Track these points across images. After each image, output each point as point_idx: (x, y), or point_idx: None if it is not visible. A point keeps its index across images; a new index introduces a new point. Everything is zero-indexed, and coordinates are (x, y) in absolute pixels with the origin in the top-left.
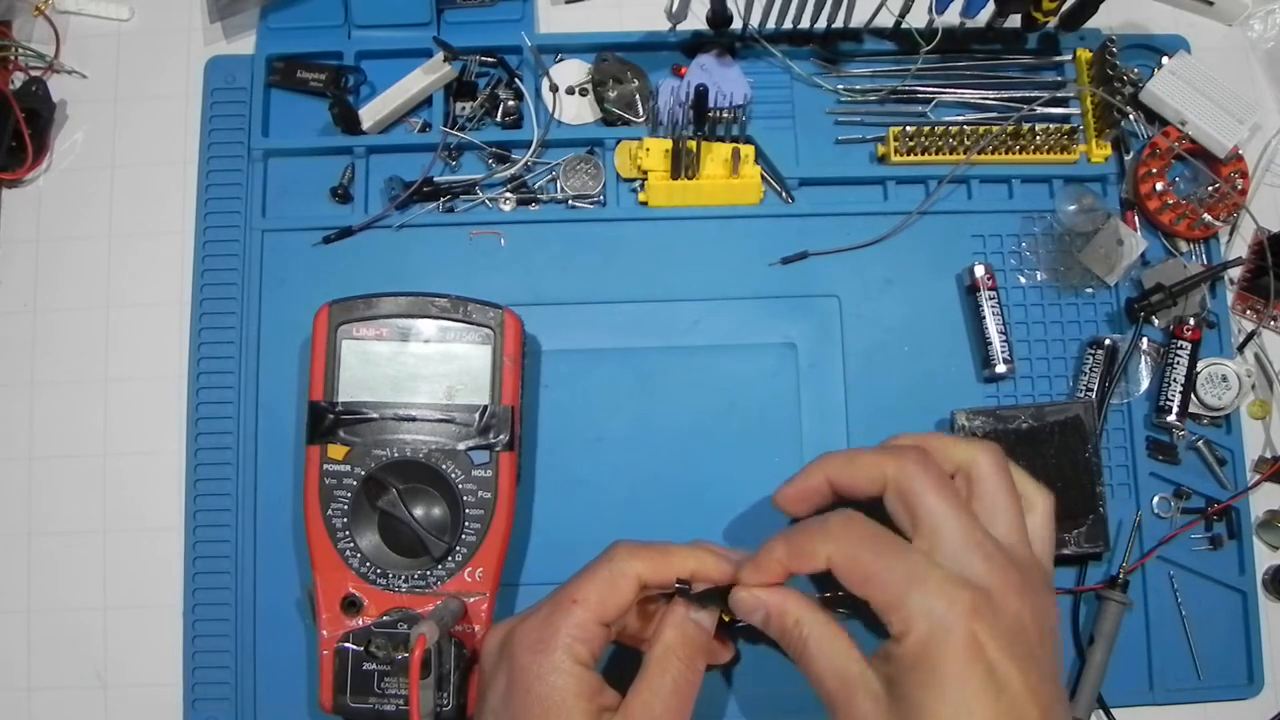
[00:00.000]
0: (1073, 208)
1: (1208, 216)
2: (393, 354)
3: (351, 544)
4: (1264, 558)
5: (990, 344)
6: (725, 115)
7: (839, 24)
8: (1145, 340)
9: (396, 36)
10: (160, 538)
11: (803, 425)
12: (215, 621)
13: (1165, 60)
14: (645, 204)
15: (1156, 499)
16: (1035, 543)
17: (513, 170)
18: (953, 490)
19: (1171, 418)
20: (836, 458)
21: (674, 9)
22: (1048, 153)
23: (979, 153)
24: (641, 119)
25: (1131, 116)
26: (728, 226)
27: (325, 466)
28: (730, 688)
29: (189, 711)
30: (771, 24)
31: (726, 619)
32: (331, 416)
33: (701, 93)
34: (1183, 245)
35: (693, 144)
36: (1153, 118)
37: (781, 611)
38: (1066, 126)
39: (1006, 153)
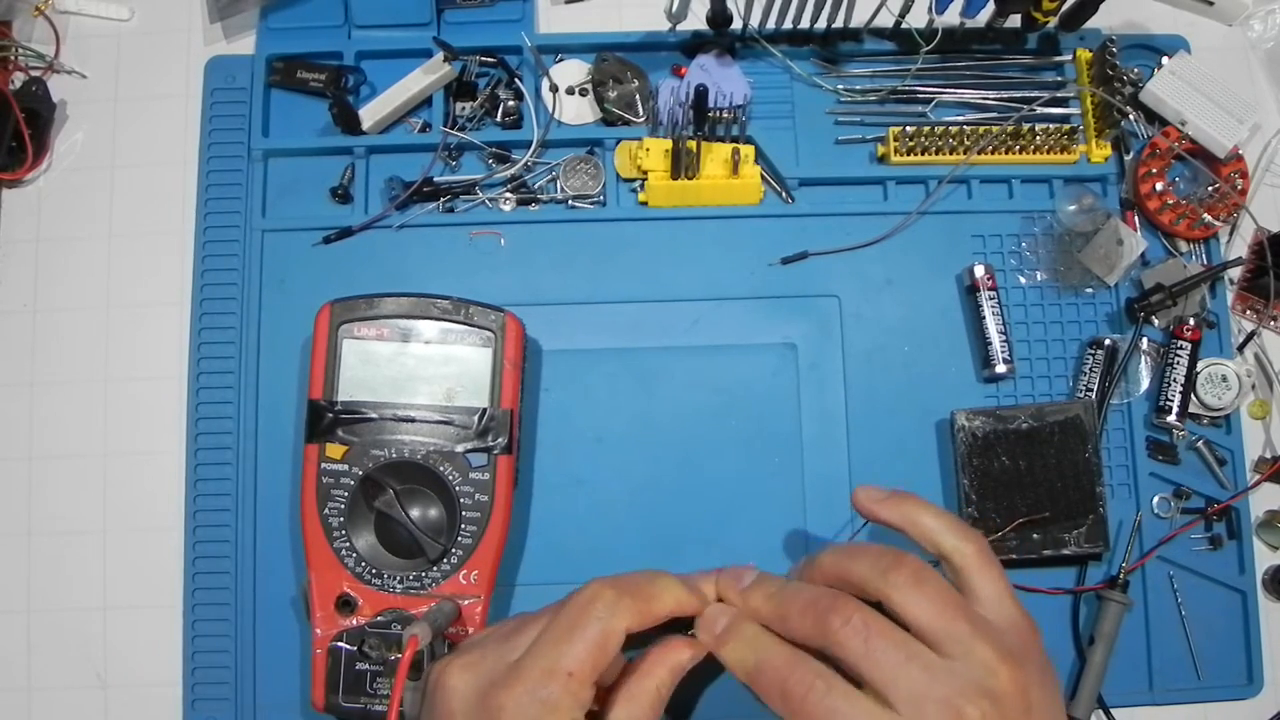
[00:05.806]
0: (1073, 208)
1: (1208, 216)
2: (393, 354)
3: (347, 543)
4: (1264, 558)
5: (990, 344)
6: (725, 115)
7: (839, 24)
8: (1145, 340)
9: (396, 36)
10: (160, 538)
11: (803, 425)
12: (215, 621)
13: (1165, 60)
14: (645, 204)
15: (1156, 499)
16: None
17: (513, 170)
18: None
19: (1171, 418)
20: (835, 556)
21: (674, 9)
22: (1048, 153)
23: (979, 153)
24: (641, 119)
25: (1131, 116)
26: (728, 226)
27: (323, 465)
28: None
29: (189, 711)
30: (771, 24)
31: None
32: (330, 415)
33: (701, 93)
34: (1183, 245)
35: (693, 144)
36: (1153, 118)
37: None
38: (1066, 126)
39: (1006, 153)
